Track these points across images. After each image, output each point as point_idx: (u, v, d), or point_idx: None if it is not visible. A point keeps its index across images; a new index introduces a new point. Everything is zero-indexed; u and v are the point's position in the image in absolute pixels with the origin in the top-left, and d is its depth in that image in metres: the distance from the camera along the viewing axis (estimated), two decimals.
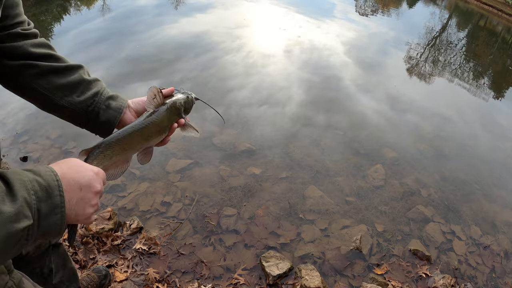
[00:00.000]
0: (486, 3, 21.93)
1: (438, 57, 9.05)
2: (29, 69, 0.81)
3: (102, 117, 0.85)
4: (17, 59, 0.81)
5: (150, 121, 0.84)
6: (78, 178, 0.61)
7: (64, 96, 0.82)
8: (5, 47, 0.80)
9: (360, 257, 2.44)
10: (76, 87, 0.83)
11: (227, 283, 2.08)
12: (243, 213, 2.61)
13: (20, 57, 0.81)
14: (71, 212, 0.59)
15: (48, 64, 0.82)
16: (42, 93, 0.82)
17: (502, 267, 2.62)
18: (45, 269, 1.24)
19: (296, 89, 4.92)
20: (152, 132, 0.85)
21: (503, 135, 5.13)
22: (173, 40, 6.06)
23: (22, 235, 0.51)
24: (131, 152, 0.85)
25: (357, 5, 13.68)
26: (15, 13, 0.81)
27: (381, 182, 3.25)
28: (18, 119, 3.46)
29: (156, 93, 0.84)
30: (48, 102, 0.84)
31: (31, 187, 0.52)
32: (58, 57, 0.85)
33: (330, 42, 7.46)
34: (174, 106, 0.87)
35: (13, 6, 0.79)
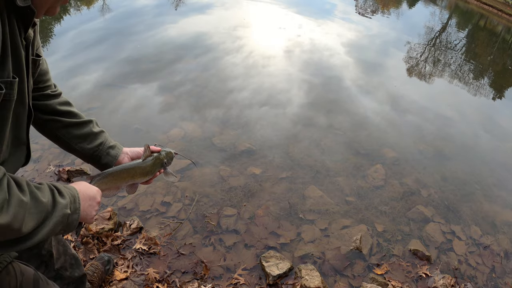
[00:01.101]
0: (486, 3, 21.94)
1: (438, 57, 9.05)
2: (56, 123, 1.11)
3: (103, 160, 1.17)
4: (47, 114, 1.09)
5: (137, 165, 1.17)
6: (88, 192, 0.92)
7: (79, 143, 1.14)
8: (39, 104, 1.07)
9: (360, 257, 2.44)
10: (87, 137, 1.14)
11: (227, 283, 2.08)
12: (243, 213, 2.61)
13: (50, 112, 1.10)
14: (83, 213, 0.88)
15: (68, 120, 1.12)
16: (64, 140, 1.13)
17: (502, 267, 2.62)
18: (44, 251, 1.27)
19: (295, 89, 4.92)
20: (137, 174, 1.18)
21: (503, 135, 5.13)
22: (173, 40, 6.07)
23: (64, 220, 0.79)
24: (120, 184, 1.15)
25: (357, 5, 13.68)
26: (46, 79, 1.10)
27: (381, 182, 3.25)
28: None
29: (146, 148, 1.20)
30: (67, 146, 1.15)
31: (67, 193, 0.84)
32: (76, 113, 1.15)
33: (330, 42, 7.46)
34: (158, 158, 1.23)
35: (45, 73, 1.08)
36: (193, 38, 6.25)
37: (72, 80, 4.31)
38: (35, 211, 0.71)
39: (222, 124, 3.71)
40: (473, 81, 7.70)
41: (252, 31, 7.29)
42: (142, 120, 3.53)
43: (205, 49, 5.77)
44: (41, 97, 1.09)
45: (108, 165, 1.19)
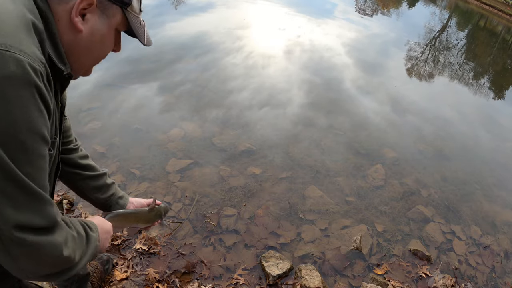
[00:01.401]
0: (486, 3, 21.94)
1: (438, 57, 9.06)
2: (76, 175, 1.24)
3: (113, 209, 1.36)
4: (69, 166, 1.21)
5: (142, 212, 1.40)
6: (104, 227, 1.07)
7: (94, 193, 1.29)
8: (63, 157, 1.17)
9: (360, 257, 2.44)
10: (101, 189, 1.31)
11: (227, 283, 2.08)
12: (243, 213, 2.61)
13: (71, 165, 1.22)
14: (100, 243, 0.98)
15: (87, 173, 1.26)
16: (81, 190, 1.28)
17: (502, 267, 2.63)
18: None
19: (295, 89, 4.92)
20: (142, 219, 1.40)
21: (503, 135, 5.14)
22: (173, 40, 6.07)
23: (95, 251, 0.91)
24: (126, 224, 1.38)
25: (357, 5, 13.69)
26: (69, 134, 1.22)
27: (381, 182, 3.25)
28: None
29: (154, 201, 1.44)
30: (82, 195, 1.30)
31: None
32: (93, 166, 1.29)
33: (330, 42, 7.47)
34: (159, 210, 1.46)
35: (68, 129, 1.21)
36: (193, 38, 6.25)
37: (72, 80, 4.30)
38: (80, 245, 0.83)
39: (222, 124, 3.71)
40: (473, 81, 7.70)
41: (252, 31, 7.29)
42: (142, 120, 3.53)
43: (205, 49, 5.77)
44: (65, 151, 1.20)
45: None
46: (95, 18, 0.84)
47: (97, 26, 0.85)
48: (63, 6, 0.78)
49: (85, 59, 0.88)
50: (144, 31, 0.97)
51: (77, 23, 0.81)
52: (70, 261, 0.78)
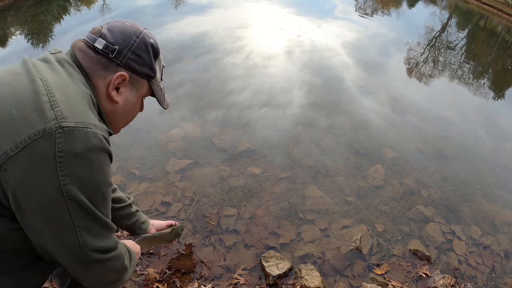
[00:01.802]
0: (486, 3, 21.94)
1: (438, 57, 9.05)
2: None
3: (136, 232, 1.58)
4: None
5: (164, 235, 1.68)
6: (135, 249, 1.28)
7: (120, 221, 1.47)
8: None
9: (360, 257, 2.44)
10: (126, 217, 1.51)
11: (227, 283, 2.08)
12: (243, 213, 2.61)
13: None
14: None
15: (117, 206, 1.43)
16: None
17: (502, 267, 2.63)
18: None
19: (296, 89, 4.93)
20: (164, 240, 1.70)
21: (503, 135, 5.14)
22: (173, 40, 6.07)
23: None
24: (151, 245, 1.76)
25: (357, 5, 13.69)
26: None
27: (381, 182, 3.25)
28: None
29: (174, 224, 1.73)
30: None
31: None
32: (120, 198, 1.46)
33: (330, 42, 7.47)
34: (177, 231, 1.75)
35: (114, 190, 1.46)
36: (193, 38, 6.25)
37: None
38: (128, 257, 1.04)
39: (222, 124, 3.71)
40: (473, 81, 7.70)
41: (252, 32, 7.29)
42: (142, 120, 3.53)
43: (205, 49, 5.77)
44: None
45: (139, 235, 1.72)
46: (127, 90, 1.03)
47: (129, 97, 1.04)
48: (102, 81, 0.97)
49: (119, 123, 1.08)
50: (164, 96, 1.18)
51: (114, 96, 0.99)
52: (127, 269, 1.02)
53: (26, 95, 0.80)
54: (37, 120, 0.77)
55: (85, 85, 0.92)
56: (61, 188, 0.79)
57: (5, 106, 0.79)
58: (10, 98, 0.80)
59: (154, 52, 1.08)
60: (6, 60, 5.03)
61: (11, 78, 0.84)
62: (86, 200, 0.83)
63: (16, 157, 0.76)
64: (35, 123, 0.77)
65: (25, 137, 0.76)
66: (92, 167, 0.83)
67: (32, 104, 0.79)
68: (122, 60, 0.98)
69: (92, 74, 0.95)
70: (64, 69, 0.90)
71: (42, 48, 5.55)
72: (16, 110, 0.78)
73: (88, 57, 0.96)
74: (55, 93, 0.82)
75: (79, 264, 0.89)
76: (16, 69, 0.88)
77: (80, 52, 0.96)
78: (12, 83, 0.83)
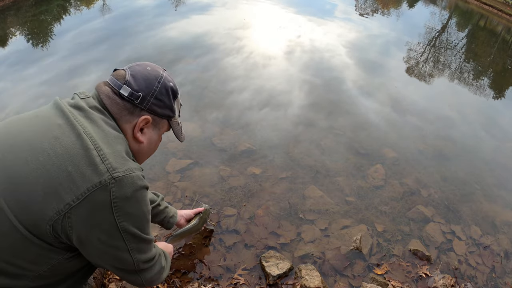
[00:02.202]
0: (486, 3, 21.93)
1: (438, 57, 9.05)
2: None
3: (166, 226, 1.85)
4: None
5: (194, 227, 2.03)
6: (168, 249, 1.55)
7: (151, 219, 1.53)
8: None
9: (360, 257, 2.44)
10: (156, 216, 1.75)
11: (227, 283, 2.08)
12: (243, 213, 2.61)
13: None
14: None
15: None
16: None
17: (502, 267, 2.62)
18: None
19: (296, 90, 4.92)
20: (193, 231, 2.08)
21: (503, 135, 5.13)
22: (173, 41, 6.07)
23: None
24: (182, 239, 2.08)
25: (357, 5, 13.69)
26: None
27: (381, 182, 3.25)
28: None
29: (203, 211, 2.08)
30: None
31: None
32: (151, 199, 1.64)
33: (331, 42, 7.47)
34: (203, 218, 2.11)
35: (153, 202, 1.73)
36: (193, 39, 6.25)
37: (72, 81, 4.31)
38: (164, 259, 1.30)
39: (222, 124, 3.71)
40: (473, 81, 7.70)
41: (252, 32, 7.29)
42: None
43: (205, 50, 5.78)
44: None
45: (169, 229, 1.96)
46: (150, 130, 1.17)
47: (152, 136, 1.20)
48: (128, 124, 1.10)
49: (143, 158, 1.24)
50: (181, 130, 1.37)
51: (139, 137, 1.14)
52: (165, 268, 1.28)
53: (76, 151, 0.93)
54: (92, 175, 0.92)
55: (117, 130, 1.06)
56: (117, 226, 0.97)
57: (61, 163, 0.91)
58: (63, 154, 0.92)
59: (173, 94, 1.22)
60: (6, 60, 5.03)
61: (57, 131, 0.95)
62: (136, 230, 1.03)
63: (78, 207, 0.91)
64: (91, 177, 0.92)
65: (84, 190, 0.91)
66: (139, 204, 1.01)
67: (84, 160, 0.92)
68: (145, 105, 1.10)
69: (120, 119, 1.08)
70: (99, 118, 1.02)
71: (42, 48, 5.55)
72: (71, 166, 0.91)
73: (115, 103, 1.07)
74: (102, 147, 0.96)
75: (132, 274, 1.14)
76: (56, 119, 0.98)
77: (107, 99, 1.07)
78: (59, 137, 0.94)
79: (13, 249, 0.94)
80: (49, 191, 0.89)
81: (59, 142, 0.93)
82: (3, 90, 4.14)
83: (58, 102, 1.04)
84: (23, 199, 0.90)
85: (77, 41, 5.79)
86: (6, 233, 0.91)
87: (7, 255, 0.94)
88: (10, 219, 0.90)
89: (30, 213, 0.90)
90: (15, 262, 0.95)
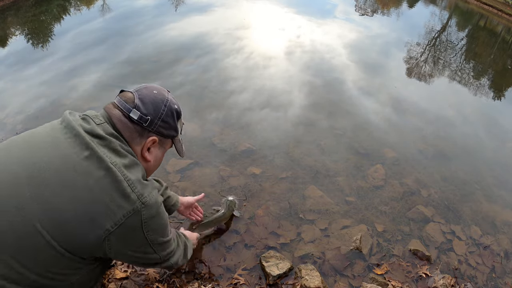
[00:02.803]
0: (486, 3, 21.92)
1: (438, 57, 9.05)
2: None
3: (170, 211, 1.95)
4: None
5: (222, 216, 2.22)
6: (192, 237, 1.87)
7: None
8: None
9: (360, 257, 2.44)
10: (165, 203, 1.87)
11: (227, 283, 2.08)
12: (243, 213, 2.61)
13: None
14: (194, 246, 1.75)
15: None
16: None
17: (502, 267, 2.63)
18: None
19: (296, 90, 4.92)
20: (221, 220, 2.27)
21: (503, 135, 5.13)
22: (173, 41, 6.07)
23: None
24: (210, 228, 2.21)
25: (357, 5, 13.68)
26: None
27: (381, 182, 3.25)
28: (18, 120, 3.47)
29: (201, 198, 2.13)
30: None
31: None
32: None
33: (331, 43, 7.47)
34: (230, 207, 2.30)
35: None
36: (193, 39, 6.25)
37: (72, 81, 4.31)
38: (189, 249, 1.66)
39: (222, 124, 3.71)
40: (473, 81, 7.70)
41: (252, 32, 7.29)
42: None
43: (205, 50, 5.77)
44: None
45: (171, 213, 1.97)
46: (156, 150, 1.32)
47: (158, 154, 1.34)
48: (139, 146, 1.23)
49: (149, 175, 1.37)
50: (182, 146, 1.50)
51: (147, 156, 1.27)
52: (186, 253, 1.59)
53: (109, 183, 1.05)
54: (126, 203, 1.07)
55: (133, 155, 1.18)
56: (147, 239, 1.17)
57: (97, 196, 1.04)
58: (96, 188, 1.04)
59: (177, 116, 1.38)
60: (6, 60, 5.03)
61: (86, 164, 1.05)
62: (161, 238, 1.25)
63: (115, 232, 1.07)
64: (125, 206, 1.07)
65: (120, 217, 1.06)
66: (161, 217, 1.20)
67: (117, 192, 1.06)
68: (153, 128, 1.23)
69: (131, 142, 1.19)
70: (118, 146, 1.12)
71: (42, 48, 5.56)
72: (107, 197, 1.05)
73: (127, 127, 1.18)
74: (130, 177, 1.09)
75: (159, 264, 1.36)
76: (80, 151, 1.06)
77: (120, 123, 1.17)
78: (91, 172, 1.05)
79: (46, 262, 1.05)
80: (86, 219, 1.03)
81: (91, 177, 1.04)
82: (3, 90, 4.14)
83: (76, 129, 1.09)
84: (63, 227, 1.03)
85: (77, 41, 5.79)
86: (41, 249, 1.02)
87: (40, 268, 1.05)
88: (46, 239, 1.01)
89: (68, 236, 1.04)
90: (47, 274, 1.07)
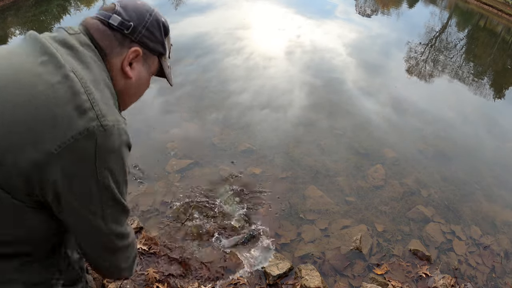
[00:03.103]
0: (486, 3, 21.92)
1: (438, 57, 9.05)
2: None
3: None
4: None
5: None
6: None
7: None
8: None
9: (360, 257, 2.44)
10: None
11: (227, 283, 2.08)
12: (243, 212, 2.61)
13: None
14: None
15: None
16: None
17: (502, 267, 2.63)
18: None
19: (296, 90, 4.92)
20: None
21: (503, 135, 5.13)
22: (173, 41, 6.03)
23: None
24: None
25: (357, 5, 13.68)
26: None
27: (381, 182, 3.25)
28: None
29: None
30: None
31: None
32: None
33: (331, 43, 7.46)
34: None
35: None
36: (193, 39, 6.25)
37: None
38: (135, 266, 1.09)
39: (222, 125, 3.71)
40: (473, 81, 7.70)
41: (253, 32, 7.29)
42: (143, 121, 3.53)
43: (205, 50, 5.77)
44: None
45: None
46: (140, 66, 1.06)
47: (142, 72, 1.07)
48: (118, 57, 0.99)
49: (130, 100, 1.11)
50: (171, 72, 1.20)
51: (128, 71, 1.02)
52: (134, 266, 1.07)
53: (64, 92, 0.83)
54: (80, 120, 0.82)
55: (106, 71, 0.96)
56: (97, 179, 0.87)
57: (43, 106, 0.81)
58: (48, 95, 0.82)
59: (165, 30, 1.12)
60: None
61: (41, 69, 0.84)
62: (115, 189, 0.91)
63: (59, 155, 0.81)
64: (79, 123, 0.82)
65: (69, 138, 0.81)
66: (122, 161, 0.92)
67: (72, 104, 0.83)
68: (136, 36, 1.01)
69: (110, 53, 0.98)
70: (90, 58, 0.92)
71: None
72: (57, 108, 0.81)
73: (106, 35, 0.97)
74: (93, 91, 0.86)
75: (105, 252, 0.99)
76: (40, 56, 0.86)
77: (97, 32, 0.97)
78: (43, 77, 0.83)
79: None
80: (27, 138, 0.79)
81: (44, 81, 0.82)
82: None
83: (36, 36, 0.90)
84: None
85: None
86: None
87: None
88: None
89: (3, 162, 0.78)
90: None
